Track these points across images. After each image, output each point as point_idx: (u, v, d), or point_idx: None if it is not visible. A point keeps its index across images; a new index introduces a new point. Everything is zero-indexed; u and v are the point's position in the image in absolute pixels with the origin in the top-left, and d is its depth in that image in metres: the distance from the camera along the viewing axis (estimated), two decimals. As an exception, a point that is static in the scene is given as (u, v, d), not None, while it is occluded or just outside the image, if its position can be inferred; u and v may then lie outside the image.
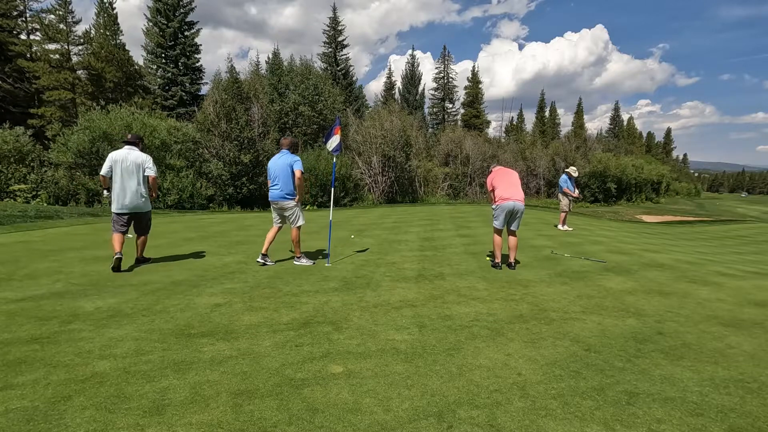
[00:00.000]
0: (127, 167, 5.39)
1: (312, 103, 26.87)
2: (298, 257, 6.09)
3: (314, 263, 6.08)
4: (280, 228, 6.06)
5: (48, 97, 27.00)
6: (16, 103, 28.43)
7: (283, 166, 5.75)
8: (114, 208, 5.43)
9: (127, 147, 5.54)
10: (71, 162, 18.41)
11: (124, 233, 5.49)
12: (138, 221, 5.64)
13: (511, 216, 5.92)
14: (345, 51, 44.40)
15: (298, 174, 5.69)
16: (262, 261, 5.92)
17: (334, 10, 43.36)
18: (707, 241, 12.73)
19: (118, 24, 33.44)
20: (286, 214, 5.89)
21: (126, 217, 5.49)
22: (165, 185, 18.18)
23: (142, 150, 5.67)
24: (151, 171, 5.55)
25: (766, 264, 7.68)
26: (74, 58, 29.18)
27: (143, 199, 5.54)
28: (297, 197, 5.82)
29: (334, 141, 6.26)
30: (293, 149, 5.89)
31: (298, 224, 5.93)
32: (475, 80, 58.44)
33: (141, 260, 5.86)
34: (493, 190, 6.06)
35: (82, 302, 4.04)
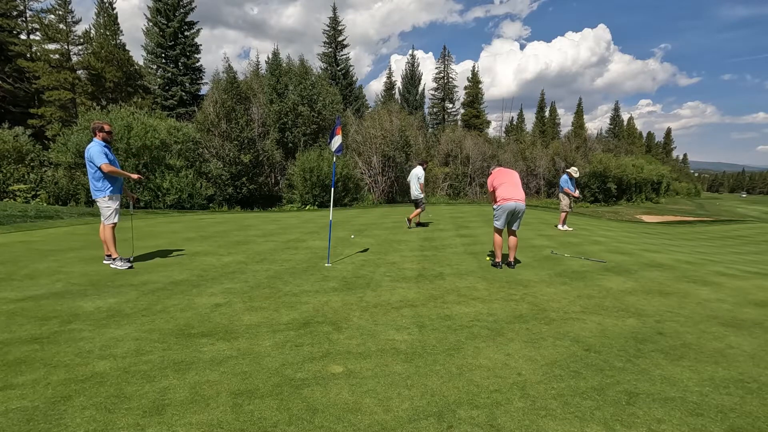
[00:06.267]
0: (412, 176, 10.14)
1: (311, 103, 26.88)
2: (113, 259, 5.48)
3: (131, 266, 5.47)
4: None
5: (48, 97, 27.01)
6: (16, 103, 28.44)
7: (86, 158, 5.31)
8: None
9: (417, 164, 10.35)
10: (71, 162, 18.41)
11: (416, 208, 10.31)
12: (413, 202, 10.40)
13: (513, 216, 5.93)
14: (345, 51, 44.45)
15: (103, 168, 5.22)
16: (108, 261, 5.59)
17: (334, 10, 43.41)
18: (707, 241, 12.73)
19: (118, 24, 33.45)
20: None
21: (412, 201, 10.37)
22: (164, 185, 18.17)
23: (424, 168, 10.25)
24: (420, 179, 9.92)
25: (766, 264, 7.68)
26: (74, 58, 29.20)
27: (416, 191, 10.01)
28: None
29: (336, 141, 6.26)
30: (94, 133, 5.33)
31: (108, 222, 5.45)
32: (475, 80, 58.47)
33: (419, 225, 10.60)
34: (494, 191, 6.05)
35: (82, 302, 4.04)
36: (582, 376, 2.75)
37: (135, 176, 5.66)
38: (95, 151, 5.23)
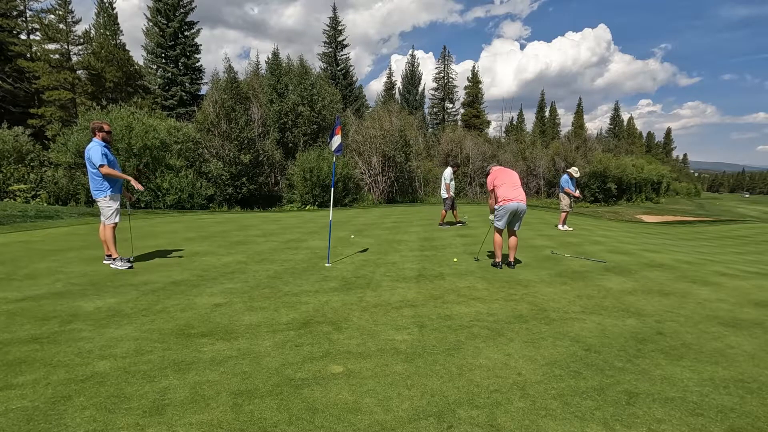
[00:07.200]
0: (442, 177, 10.50)
1: (311, 103, 26.88)
2: (113, 259, 5.49)
3: (131, 266, 5.49)
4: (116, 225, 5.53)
5: (48, 97, 27.00)
6: (16, 103, 28.44)
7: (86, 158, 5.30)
8: None
9: (450, 167, 10.55)
10: (71, 162, 18.41)
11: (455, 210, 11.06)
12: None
13: (514, 216, 5.91)
14: (345, 51, 44.50)
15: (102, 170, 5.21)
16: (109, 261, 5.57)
17: (334, 10, 43.45)
18: (707, 241, 12.73)
19: (118, 24, 33.48)
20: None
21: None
22: (164, 185, 18.17)
23: (453, 168, 10.51)
24: (446, 180, 10.28)
25: (766, 264, 7.68)
26: (74, 58, 29.20)
27: (442, 192, 10.52)
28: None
29: (335, 141, 6.26)
30: (94, 133, 5.37)
31: (109, 221, 5.45)
32: (475, 80, 58.52)
33: (457, 222, 10.88)
34: (494, 191, 6.02)
35: (82, 302, 4.04)
36: (582, 376, 2.75)
37: (138, 186, 5.43)
38: (95, 151, 5.22)
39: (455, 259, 6.43)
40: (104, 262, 5.67)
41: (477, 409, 2.35)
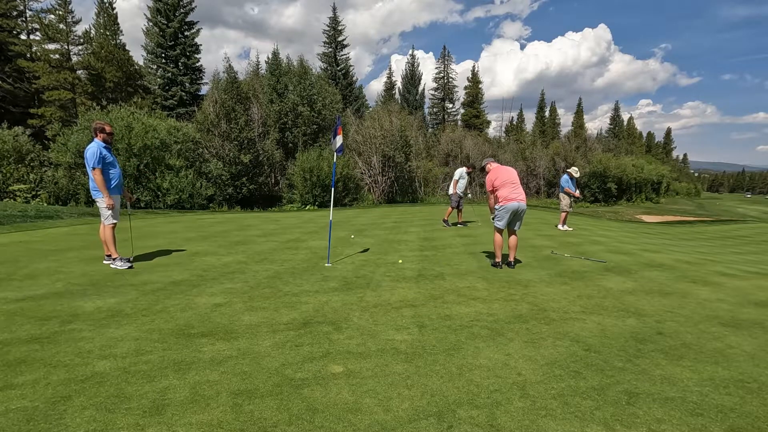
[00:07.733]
0: (455, 175, 10.69)
1: (311, 103, 26.88)
2: (113, 259, 5.51)
3: (131, 266, 5.48)
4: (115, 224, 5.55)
5: (48, 97, 27.01)
6: (16, 103, 28.44)
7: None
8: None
9: (465, 168, 10.74)
10: (71, 162, 18.40)
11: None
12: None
13: (515, 216, 5.88)
14: (345, 51, 44.49)
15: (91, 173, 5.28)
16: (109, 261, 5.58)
17: (334, 10, 43.45)
18: (707, 241, 12.73)
19: (118, 24, 33.50)
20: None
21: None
22: (164, 185, 18.16)
23: (468, 169, 10.75)
24: (455, 177, 10.61)
25: (766, 264, 7.68)
26: (74, 58, 29.22)
27: (447, 189, 11.49)
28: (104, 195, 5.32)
29: (337, 141, 6.26)
30: (95, 134, 5.39)
31: (108, 222, 5.47)
32: (475, 80, 58.54)
33: (460, 223, 10.99)
34: (494, 190, 5.97)
35: (82, 302, 4.04)
36: (582, 376, 2.75)
37: (108, 201, 5.35)
38: (91, 153, 5.23)
39: (400, 261, 6.33)
40: (104, 262, 5.67)
41: (477, 409, 2.35)
